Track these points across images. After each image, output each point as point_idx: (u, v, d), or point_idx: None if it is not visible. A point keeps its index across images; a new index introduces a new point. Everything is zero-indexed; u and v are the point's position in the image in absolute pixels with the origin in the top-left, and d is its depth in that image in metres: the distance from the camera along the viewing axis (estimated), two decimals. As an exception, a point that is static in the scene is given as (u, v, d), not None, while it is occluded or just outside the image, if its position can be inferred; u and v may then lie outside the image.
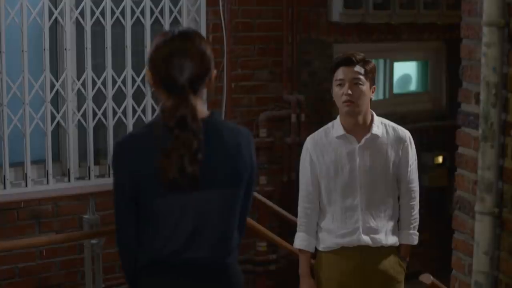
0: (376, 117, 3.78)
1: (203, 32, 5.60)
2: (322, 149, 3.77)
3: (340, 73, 3.70)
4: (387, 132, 3.78)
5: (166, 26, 5.41)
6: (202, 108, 2.81)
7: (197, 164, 2.69)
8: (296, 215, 3.96)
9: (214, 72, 2.82)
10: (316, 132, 3.86)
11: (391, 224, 3.79)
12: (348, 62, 3.69)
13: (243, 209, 2.94)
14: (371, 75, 3.72)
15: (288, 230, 5.29)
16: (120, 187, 2.83)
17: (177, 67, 2.70)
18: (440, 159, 6.90)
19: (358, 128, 3.74)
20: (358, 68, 3.68)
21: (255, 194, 5.56)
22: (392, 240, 3.78)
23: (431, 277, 4.21)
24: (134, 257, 2.86)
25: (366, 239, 3.72)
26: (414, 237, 3.84)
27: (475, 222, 2.73)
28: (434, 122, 6.99)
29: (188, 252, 2.79)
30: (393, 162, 3.77)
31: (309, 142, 3.83)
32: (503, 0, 2.62)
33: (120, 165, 2.81)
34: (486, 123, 2.66)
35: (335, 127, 3.77)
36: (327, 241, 3.77)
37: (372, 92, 3.76)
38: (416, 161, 3.85)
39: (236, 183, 2.85)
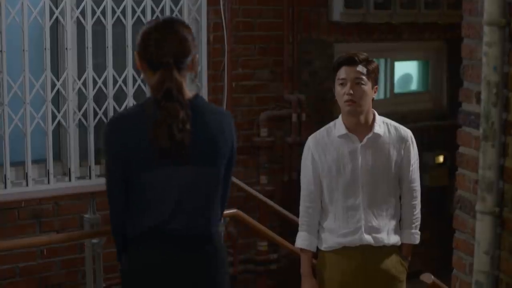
0: (378, 117, 3.78)
1: (204, 31, 5.60)
2: (324, 148, 3.77)
3: (342, 73, 3.70)
4: (389, 131, 3.78)
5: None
6: (186, 90, 3.02)
7: (186, 133, 2.91)
8: (297, 215, 3.95)
9: (196, 56, 3.07)
10: (318, 131, 3.85)
11: (393, 223, 3.79)
12: (351, 61, 3.69)
13: (224, 185, 3.18)
14: (373, 75, 3.71)
15: (289, 230, 5.30)
16: (111, 168, 3.05)
17: (162, 48, 2.96)
18: (441, 158, 6.90)
19: (360, 127, 3.74)
20: (360, 68, 3.67)
21: (256, 193, 5.57)
22: (394, 239, 3.78)
23: (432, 276, 4.21)
24: (124, 231, 3.07)
25: (368, 238, 3.71)
26: (416, 237, 3.84)
27: (476, 222, 2.73)
28: (434, 121, 6.99)
29: (175, 222, 3.00)
30: (395, 162, 3.76)
31: (311, 141, 3.82)
32: (504, -1, 2.63)
33: (111, 145, 3.03)
34: (487, 122, 2.66)
35: (337, 126, 3.77)
36: (329, 240, 3.77)
37: (374, 92, 3.75)
38: (418, 160, 3.85)
39: (218, 161, 3.08)
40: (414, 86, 7.21)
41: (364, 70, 3.67)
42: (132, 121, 2.98)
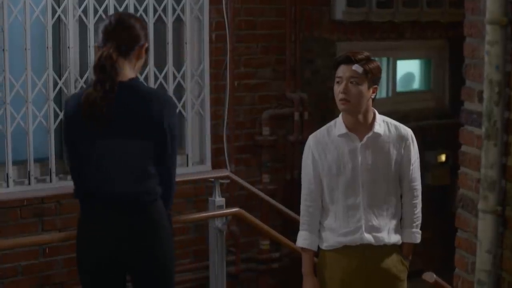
0: (378, 116, 3.77)
1: (206, 30, 5.60)
2: (324, 147, 3.76)
3: (339, 71, 3.69)
4: (389, 130, 3.77)
5: (169, 25, 5.42)
6: (128, 72, 3.49)
7: (108, 101, 3.37)
8: (299, 214, 3.95)
9: (145, 44, 3.56)
10: (319, 130, 3.85)
11: (393, 222, 3.78)
12: (347, 60, 3.68)
13: (165, 164, 3.58)
14: (370, 76, 3.68)
15: (291, 229, 5.29)
16: (65, 140, 3.69)
17: (109, 35, 3.47)
18: (443, 157, 6.90)
19: (360, 126, 3.73)
20: (356, 67, 3.66)
21: (258, 192, 5.57)
22: (394, 238, 3.77)
23: (434, 275, 4.20)
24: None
25: (368, 237, 3.71)
26: (416, 236, 3.83)
27: (478, 221, 2.73)
28: (437, 120, 6.99)
29: (108, 187, 3.52)
30: (395, 161, 3.76)
31: (312, 140, 3.82)
32: (506, -2, 2.62)
33: (63, 121, 3.65)
34: (489, 121, 2.66)
35: (337, 126, 3.76)
36: (330, 240, 3.77)
37: (372, 92, 3.72)
38: (419, 159, 3.84)
39: (144, 135, 3.49)
40: (416, 85, 7.21)
41: (360, 70, 3.65)
42: (76, 99, 3.52)
